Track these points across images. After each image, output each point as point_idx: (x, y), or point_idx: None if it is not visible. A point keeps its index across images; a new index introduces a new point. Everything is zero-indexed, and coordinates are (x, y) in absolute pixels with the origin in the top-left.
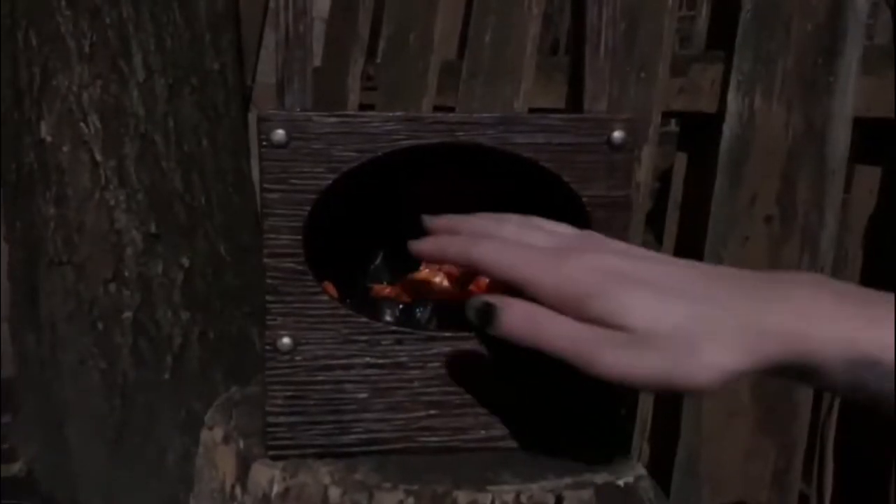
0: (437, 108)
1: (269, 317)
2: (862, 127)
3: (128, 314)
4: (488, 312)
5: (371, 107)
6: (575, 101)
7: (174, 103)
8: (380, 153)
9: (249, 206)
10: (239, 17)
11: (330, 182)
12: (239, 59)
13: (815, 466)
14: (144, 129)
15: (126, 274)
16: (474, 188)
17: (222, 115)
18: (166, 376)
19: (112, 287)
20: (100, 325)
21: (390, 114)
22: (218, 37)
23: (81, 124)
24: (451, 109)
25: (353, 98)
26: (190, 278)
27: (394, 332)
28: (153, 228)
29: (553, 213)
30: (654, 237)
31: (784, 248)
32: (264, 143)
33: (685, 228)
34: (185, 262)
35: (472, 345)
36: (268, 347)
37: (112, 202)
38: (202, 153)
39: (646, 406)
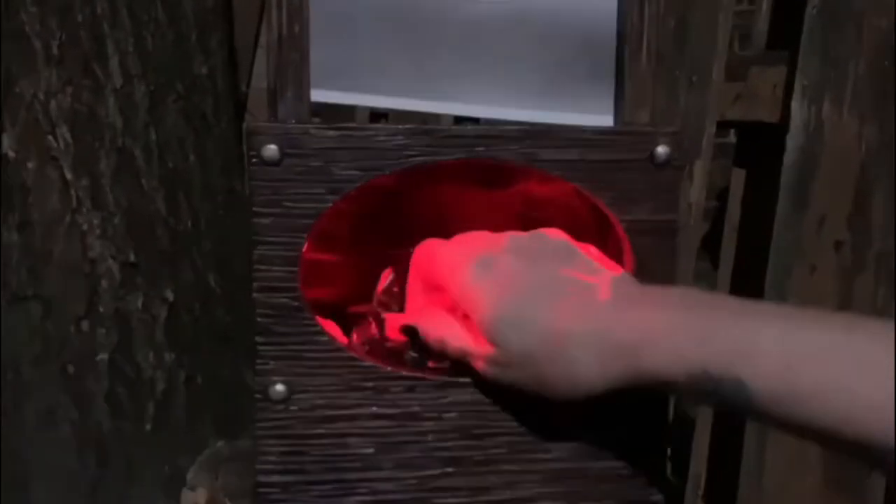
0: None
1: (259, 360)
2: None
3: (103, 356)
4: (415, 332)
5: (385, 117)
6: (615, 111)
7: (156, 113)
8: (387, 171)
9: (243, 231)
10: (231, 14)
11: (330, 205)
12: (231, 61)
13: None
14: (122, 142)
15: (101, 310)
16: (494, 200)
17: (212, 125)
18: (147, 428)
19: (85, 325)
20: (70, 369)
21: (400, 126)
22: (206, 36)
23: (49, 137)
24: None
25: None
26: (174, 314)
27: (404, 377)
28: (132, 257)
29: (588, 238)
30: (710, 263)
31: (857, 278)
32: (254, 159)
33: (743, 255)
34: (169, 295)
35: (494, 392)
36: (259, 396)
37: (85, 227)
38: (189, 170)
39: (700, 460)
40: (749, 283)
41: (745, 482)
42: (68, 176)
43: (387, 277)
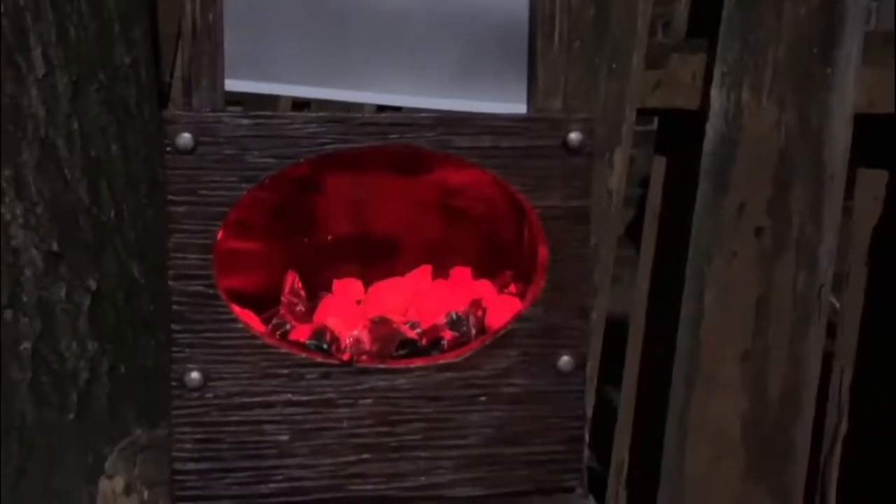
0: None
1: (175, 348)
2: (864, 125)
3: (26, 345)
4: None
5: (308, 107)
6: (528, 99)
7: (79, 103)
8: (301, 159)
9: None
10: (155, 5)
11: (244, 193)
12: (154, 52)
13: None
14: (45, 132)
15: (24, 299)
16: (410, 189)
17: (134, 116)
18: (71, 417)
19: (8, 314)
20: None
21: (313, 114)
22: (129, 26)
23: None
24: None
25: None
26: (98, 304)
27: (319, 364)
28: (55, 246)
29: (503, 223)
30: (635, 251)
31: (777, 264)
32: (168, 148)
33: (665, 242)
34: (93, 284)
35: (408, 379)
36: (174, 384)
37: (8, 216)
38: (111, 160)
39: (622, 446)
40: (670, 269)
41: (667, 469)
42: None
43: (291, 279)
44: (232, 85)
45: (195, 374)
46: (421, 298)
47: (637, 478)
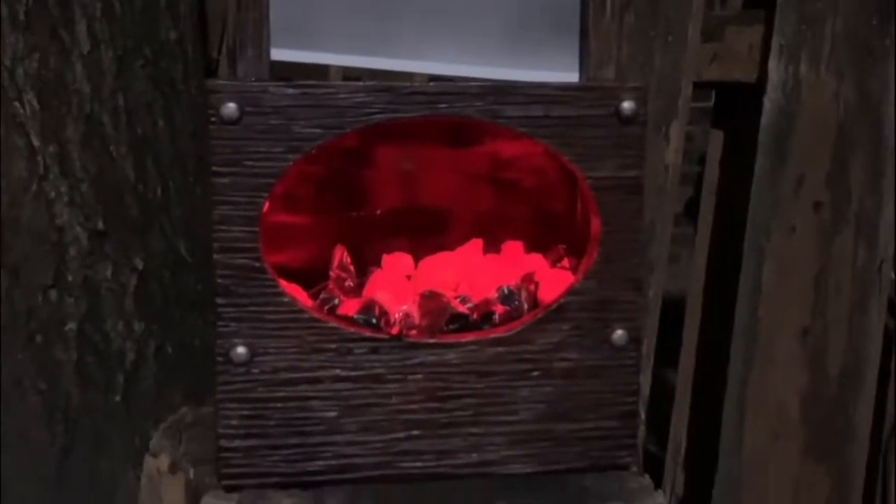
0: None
1: (220, 323)
2: None
3: (71, 325)
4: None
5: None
6: (580, 68)
7: (124, 79)
8: (348, 129)
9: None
10: None
11: (290, 164)
12: (201, 26)
13: (878, 498)
14: (90, 108)
15: (69, 278)
16: (460, 161)
17: (181, 92)
18: (117, 398)
19: (52, 294)
20: (38, 339)
21: (360, 83)
22: (176, 1)
23: (16, 103)
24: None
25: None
26: (144, 283)
27: (368, 339)
28: (100, 225)
29: (555, 196)
30: (693, 230)
31: (836, 239)
32: (213, 118)
33: (722, 217)
34: (139, 263)
35: (459, 354)
36: (220, 359)
37: (52, 194)
38: (158, 136)
39: (679, 428)
40: (728, 246)
41: (725, 450)
42: (35, 143)
43: (340, 254)
44: (278, 54)
45: (241, 349)
46: (472, 273)
47: (694, 459)
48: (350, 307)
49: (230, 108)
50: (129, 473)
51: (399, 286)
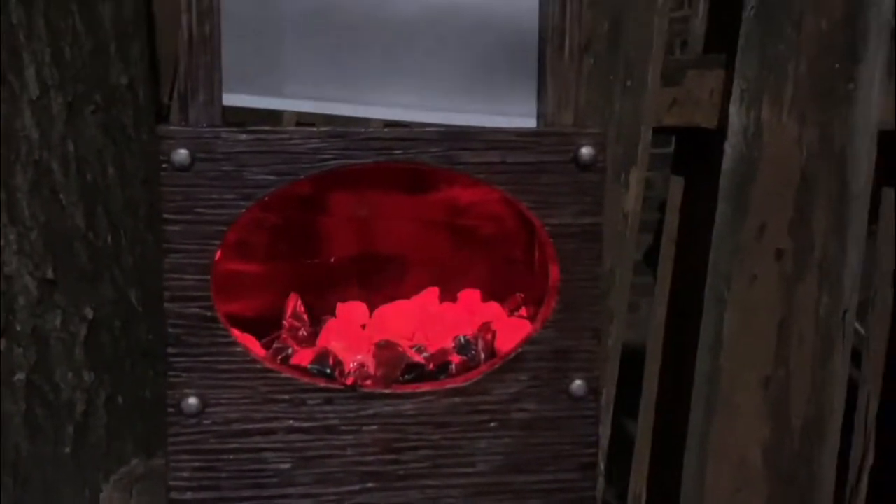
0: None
1: (171, 373)
2: (888, 142)
3: (20, 376)
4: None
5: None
6: (538, 112)
7: (74, 124)
8: (302, 176)
9: None
10: (153, 24)
11: (243, 211)
12: (152, 71)
13: None
14: (39, 155)
15: (17, 328)
16: (416, 208)
17: (132, 138)
18: (67, 450)
19: (1, 344)
20: None
21: (314, 129)
22: (126, 46)
23: None
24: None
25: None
26: (94, 332)
27: (322, 389)
28: (50, 273)
29: (512, 243)
30: (653, 278)
31: (799, 287)
32: (164, 165)
33: (682, 265)
34: (89, 313)
35: (415, 405)
36: (171, 410)
37: (0, 242)
38: (108, 183)
39: (639, 479)
40: (688, 293)
41: (685, 501)
42: None
43: (293, 302)
44: (230, 100)
45: (192, 400)
46: (428, 322)
47: None
48: (304, 357)
49: (181, 154)
50: None
51: (354, 335)
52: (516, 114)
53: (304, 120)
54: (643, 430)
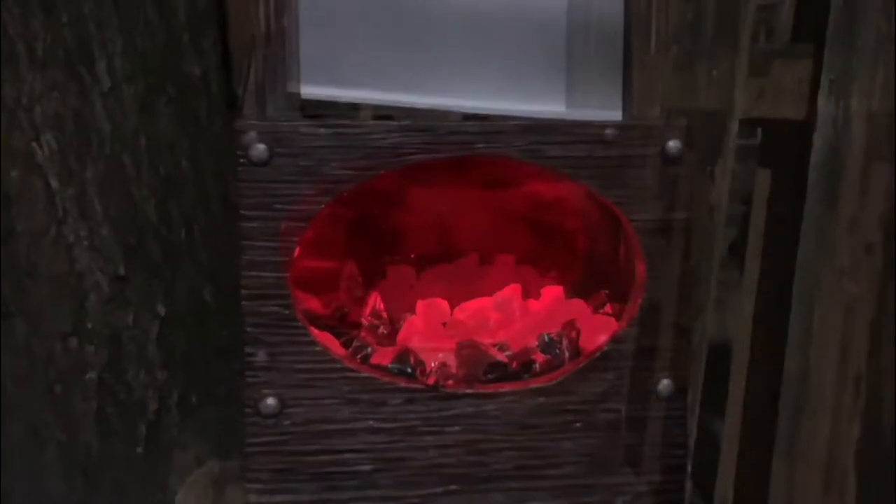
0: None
1: (249, 373)
2: None
3: (91, 374)
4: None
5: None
6: (623, 105)
7: (146, 117)
8: (382, 171)
9: (240, 240)
10: (226, 14)
11: (322, 207)
12: (225, 62)
13: None
14: (110, 148)
15: (89, 326)
16: (499, 203)
17: (205, 129)
18: (139, 450)
19: (72, 342)
20: (57, 389)
21: (395, 123)
22: (199, 36)
23: (33, 144)
24: None
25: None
26: (167, 330)
27: (403, 389)
28: (122, 270)
29: (598, 239)
30: (739, 273)
31: (891, 282)
32: (242, 159)
33: (770, 261)
34: (161, 310)
35: (498, 405)
36: (248, 411)
37: (71, 238)
38: (181, 176)
39: (726, 481)
40: (776, 290)
41: (773, 503)
42: (53, 185)
43: (373, 300)
44: (308, 91)
45: (271, 401)
46: (510, 320)
47: None
48: (384, 356)
49: (260, 149)
50: None
51: (434, 333)
52: (602, 106)
53: (379, 114)
54: (730, 430)
